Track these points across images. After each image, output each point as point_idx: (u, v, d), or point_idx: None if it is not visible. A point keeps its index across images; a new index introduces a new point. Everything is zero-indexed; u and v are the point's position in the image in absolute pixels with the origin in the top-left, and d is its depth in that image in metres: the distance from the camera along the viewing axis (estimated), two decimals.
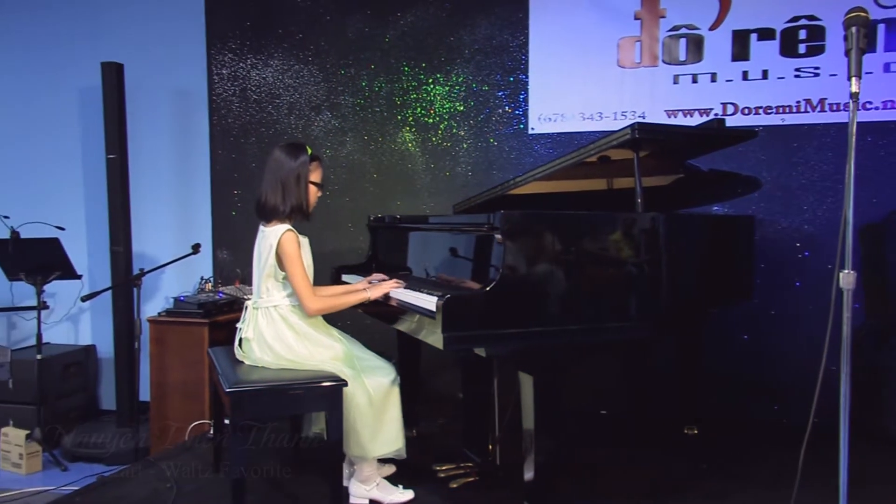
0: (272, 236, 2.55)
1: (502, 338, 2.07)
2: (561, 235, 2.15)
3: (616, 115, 3.84)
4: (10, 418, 4.06)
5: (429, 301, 2.18)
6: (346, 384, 2.40)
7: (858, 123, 1.81)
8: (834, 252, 1.82)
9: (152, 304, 4.45)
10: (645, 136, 2.28)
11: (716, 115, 3.74)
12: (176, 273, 4.43)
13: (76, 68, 4.59)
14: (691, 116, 3.76)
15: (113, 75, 4.06)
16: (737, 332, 3.75)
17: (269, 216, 2.60)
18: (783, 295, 3.68)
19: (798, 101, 3.65)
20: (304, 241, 2.65)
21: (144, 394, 3.97)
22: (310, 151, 2.64)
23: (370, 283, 2.76)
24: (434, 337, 2.06)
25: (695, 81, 3.77)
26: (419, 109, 4.16)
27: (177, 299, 3.86)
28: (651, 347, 3.74)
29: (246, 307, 2.68)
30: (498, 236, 2.10)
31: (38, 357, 3.90)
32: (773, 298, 3.69)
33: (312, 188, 2.65)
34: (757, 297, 3.63)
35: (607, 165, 2.79)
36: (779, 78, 3.67)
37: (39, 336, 3.93)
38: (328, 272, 3.40)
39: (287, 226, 2.56)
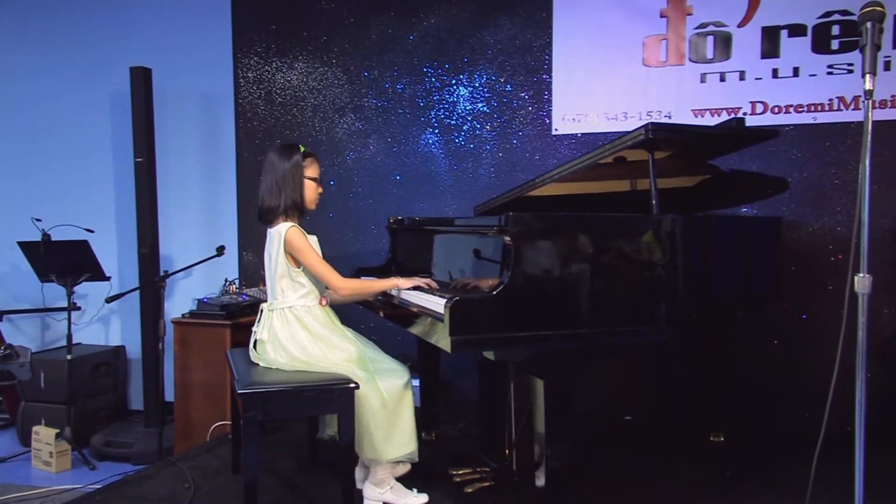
0: (277, 235, 2.60)
1: (512, 341, 2.05)
2: (571, 237, 2.13)
3: (641, 115, 3.80)
4: (42, 417, 4.18)
5: (438, 303, 2.18)
6: (357, 387, 2.41)
7: (889, 122, 1.75)
8: (868, 255, 1.76)
9: (178, 306, 4.53)
10: (659, 136, 2.25)
11: (744, 114, 3.67)
12: (202, 275, 4.50)
13: (106, 71, 4.71)
14: (718, 116, 3.69)
15: (141, 80, 4.15)
16: (766, 336, 3.67)
17: (270, 217, 2.65)
18: (815, 299, 3.59)
19: (831, 99, 3.56)
20: (313, 239, 2.68)
21: (170, 394, 4.04)
22: (303, 149, 2.68)
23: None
24: (444, 340, 2.06)
25: (722, 80, 3.70)
26: (442, 111, 4.17)
27: (200, 301, 3.92)
28: (675, 351, 3.68)
29: (261, 310, 2.72)
30: (507, 238, 2.09)
31: (69, 357, 4.00)
32: (804, 302, 3.61)
33: (310, 184, 2.69)
34: (787, 301, 3.58)
35: (629, 166, 2.76)
36: (810, 75, 3.58)
37: (70, 337, 4.03)
38: (348, 273, 3.42)
39: (290, 223, 2.60)
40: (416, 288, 2.60)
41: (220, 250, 3.94)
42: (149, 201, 4.21)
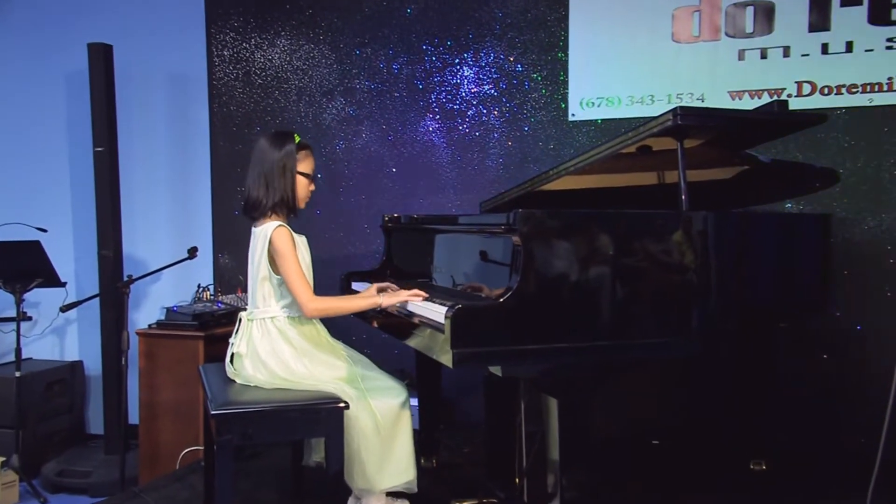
0: (262, 236, 2.63)
1: (521, 355, 2.08)
2: (588, 237, 2.16)
3: (671, 97, 3.83)
4: None
5: (438, 312, 2.21)
6: (347, 406, 2.45)
7: None
8: None
9: (144, 315, 4.57)
10: (689, 122, 2.28)
11: (788, 96, 3.69)
12: (171, 280, 4.54)
13: (61, 48, 4.74)
14: (759, 98, 3.72)
15: (100, 58, 4.18)
16: (814, 350, 3.69)
17: (255, 213, 2.68)
18: (870, 307, 3.61)
19: (890, 78, 3.57)
20: (301, 239, 2.71)
21: (135, 416, 4.07)
22: (297, 139, 2.71)
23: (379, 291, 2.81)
24: (444, 355, 2.09)
25: (764, 57, 3.73)
26: (444, 94, 4.21)
27: (169, 309, 3.96)
28: (708, 367, 3.70)
29: (240, 319, 2.75)
30: (515, 238, 2.12)
31: (17, 374, 4.03)
32: (859, 311, 3.62)
33: (302, 180, 2.72)
34: (838, 310, 3.60)
35: (656, 156, 2.79)
36: (866, 51, 3.59)
37: (19, 351, 4.06)
38: (337, 279, 3.46)
39: (278, 222, 2.63)
40: None
41: (193, 252, 3.98)
42: (110, 196, 4.25)
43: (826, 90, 3.65)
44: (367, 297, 2.71)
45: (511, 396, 2.84)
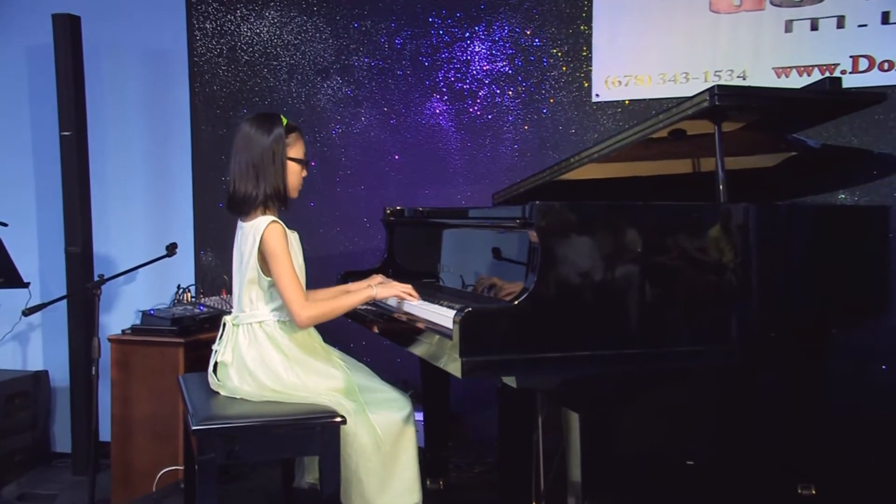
0: (252, 231, 2.63)
1: (538, 364, 2.09)
2: (614, 232, 2.17)
3: (708, 75, 3.83)
4: None
5: (445, 316, 2.22)
6: (344, 421, 2.46)
7: None
8: None
9: (117, 320, 4.59)
10: (727, 102, 2.28)
11: (843, 72, 3.69)
12: (148, 280, 4.55)
13: (22, 19, 4.73)
14: (809, 76, 3.71)
15: (67, 31, 4.19)
16: (870, 360, 3.69)
17: (243, 207, 2.69)
18: None
19: None
20: (294, 236, 2.73)
21: (106, 432, 4.09)
22: (285, 122, 2.72)
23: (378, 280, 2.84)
24: (453, 363, 2.10)
25: (814, 28, 3.72)
26: (452, 72, 4.22)
27: (146, 313, 3.98)
28: (750, 379, 3.70)
29: (224, 323, 2.76)
30: (532, 234, 2.13)
31: None
32: None
33: (294, 166, 2.74)
34: None
35: (691, 142, 2.79)
36: None
37: None
38: (333, 279, 3.47)
39: (271, 217, 2.64)
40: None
41: (172, 249, 3.99)
42: (79, 186, 4.28)
43: (886, 65, 3.64)
44: (360, 289, 2.73)
45: (527, 411, 2.84)
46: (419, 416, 3.42)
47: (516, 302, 2.07)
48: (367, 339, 4.02)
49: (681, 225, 2.28)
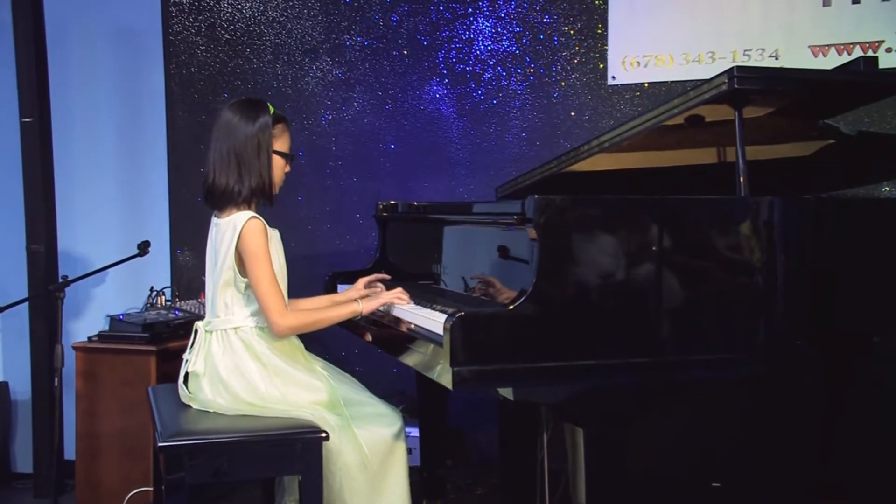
0: (230, 229, 2.64)
1: (538, 374, 2.09)
2: (618, 229, 2.16)
3: (736, 55, 3.84)
4: None
5: (435, 321, 2.23)
6: (327, 437, 2.47)
7: None
8: None
9: (84, 325, 4.59)
10: (748, 85, 2.28)
11: (888, 49, 3.68)
12: (118, 282, 4.57)
13: None
14: (849, 54, 3.70)
15: (27, 7, 4.21)
16: None
17: (222, 202, 2.70)
18: None
19: None
20: (274, 234, 2.74)
21: (71, 450, 4.12)
22: (272, 111, 2.73)
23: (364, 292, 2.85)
24: (444, 374, 2.09)
25: (856, 1, 3.71)
26: (454, 53, 4.23)
27: (115, 318, 3.99)
28: (779, 391, 3.70)
29: (196, 329, 2.78)
30: (531, 230, 2.14)
31: None
32: None
33: (278, 160, 2.75)
34: None
35: (714, 129, 2.79)
36: None
37: None
38: (321, 281, 3.49)
39: (250, 213, 2.65)
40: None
41: (144, 248, 4.02)
42: (42, 178, 4.31)
43: None
44: (345, 304, 2.75)
45: (530, 426, 2.86)
46: (414, 432, 3.44)
47: (512, 306, 2.08)
48: (359, 346, 4.03)
49: (698, 221, 2.27)
